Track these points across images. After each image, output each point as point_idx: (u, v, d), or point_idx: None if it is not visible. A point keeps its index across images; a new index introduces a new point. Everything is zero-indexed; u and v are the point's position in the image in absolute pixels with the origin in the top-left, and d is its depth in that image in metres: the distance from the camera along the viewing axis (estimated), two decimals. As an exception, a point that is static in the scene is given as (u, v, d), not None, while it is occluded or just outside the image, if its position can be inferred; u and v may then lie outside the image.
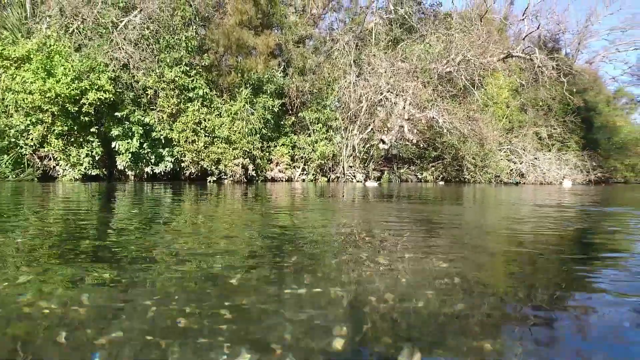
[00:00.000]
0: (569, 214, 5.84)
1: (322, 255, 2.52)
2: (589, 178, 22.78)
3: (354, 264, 2.32)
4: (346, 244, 3.02)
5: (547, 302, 1.73)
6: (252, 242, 2.97)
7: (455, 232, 3.90)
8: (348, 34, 20.25)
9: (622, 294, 1.82)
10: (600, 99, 29.83)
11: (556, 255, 2.78)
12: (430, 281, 1.99)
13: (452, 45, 20.07)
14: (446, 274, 2.10)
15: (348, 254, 2.66)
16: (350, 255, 2.62)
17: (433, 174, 22.09)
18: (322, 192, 10.40)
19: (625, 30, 36.61)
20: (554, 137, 24.30)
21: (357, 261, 2.40)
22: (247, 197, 8.34)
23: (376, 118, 18.68)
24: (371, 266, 2.26)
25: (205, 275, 2.01)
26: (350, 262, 2.36)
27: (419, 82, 18.85)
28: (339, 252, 2.70)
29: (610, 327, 1.46)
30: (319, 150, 17.03)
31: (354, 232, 3.75)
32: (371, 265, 2.28)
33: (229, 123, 14.48)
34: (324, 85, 18.43)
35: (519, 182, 21.33)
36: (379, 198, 8.58)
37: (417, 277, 2.07)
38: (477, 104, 21.22)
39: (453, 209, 6.37)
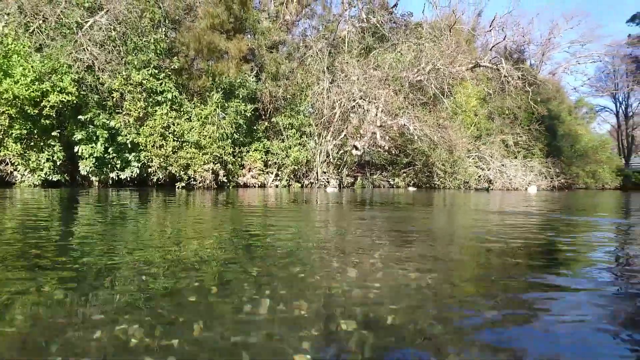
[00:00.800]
0: (534, 220, 5.99)
1: (289, 268, 2.42)
2: (552, 184, 23.65)
3: (321, 276, 2.25)
4: (315, 255, 2.95)
5: (513, 308, 1.74)
6: (214, 254, 2.85)
7: (423, 239, 3.91)
8: (321, 41, 20.37)
9: (586, 299, 1.87)
10: (563, 108, 31.21)
11: (521, 262, 2.81)
12: (397, 292, 1.95)
13: (423, 55, 20.51)
14: (414, 284, 2.06)
15: (317, 265, 2.60)
16: (318, 266, 2.55)
17: (405, 180, 22.38)
18: (294, 198, 10.32)
19: (584, 44, 38.63)
20: (520, 144, 25.15)
21: (326, 274, 2.33)
22: (216, 204, 8.15)
23: (349, 124, 18.80)
24: (338, 278, 2.20)
25: (160, 291, 1.87)
26: (317, 274, 2.28)
27: (390, 89, 19.14)
28: (307, 263, 2.62)
29: (576, 333, 1.48)
30: (292, 156, 16.94)
31: (323, 240, 3.69)
32: (338, 277, 2.22)
33: (199, 127, 14.19)
34: (297, 91, 18.41)
35: (490, 188, 21.88)
36: (339, 203, 8.57)
37: (385, 288, 2.00)
38: (446, 112, 21.74)
39: (421, 216, 6.42)
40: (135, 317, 1.51)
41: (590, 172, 29.07)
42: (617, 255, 3.09)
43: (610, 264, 2.75)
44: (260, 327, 1.45)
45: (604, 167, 29.97)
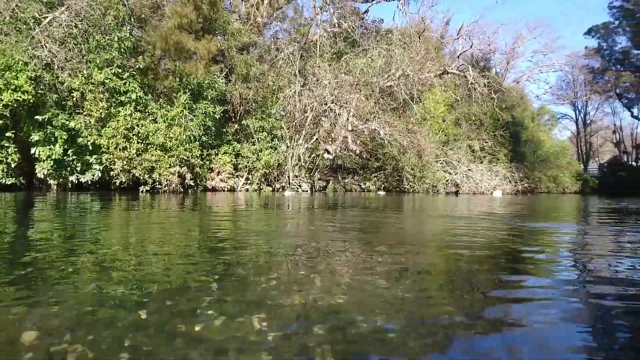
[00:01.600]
0: (500, 225, 6.11)
1: (252, 278, 2.30)
2: (516, 188, 24.49)
3: (285, 286, 2.15)
4: (281, 262, 2.86)
5: (479, 312, 1.73)
6: (172, 263, 2.70)
7: (391, 245, 3.88)
8: (293, 44, 20.32)
9: (549, 300, 1.89)
10: (526, 115, 32.43)
11: (486, 265, 2.82)
12: (365, 301, 1.86)
13: (393, 61, 20.82)
14: (383, 293, 1.99)
15: (282, 273, 2.50)
16: (284, 274, 2.46)
17: (375, 184, 22.57)
18: (265, 202, 10.17)
19: (546, 54, 40.47)
20: (486, 149, 25.91)
21: (291, 283, 2.24)
22: (182, 208, 7.89)
23: (321, 128, 18.79)
24: (303, 287, 2.11)
25: (109, 305, 1.70)
26: (281, 284, 2.17)
27: (361, 94, 19.31)
28: (272, 271, 2.51)
29: (540, 338, 1.48)
30: (263, 159, 16.72)
31: (291, 247, 3.59)
32: (303, 287, 2.13)
33: (164, 129, 13.76)
34: (268, 94, 18.24)
35: (459, 192, 22.38)
36: (311, 208, 8.52)
37: (351, 298, 1.91)
38: (415, 117, 22.14)
39: (390, 221, 6.44)
40: (79, 335, 1.37)
41: (552, 177, 30.29)
42: (579, 259, 3.16)
43: (572, 268, 2.82)
44: (211, 344, 1.33)
45: (564, 172, 31.31)
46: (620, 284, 2.24)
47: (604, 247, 3.80)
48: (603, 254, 3.35)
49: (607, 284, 2.26)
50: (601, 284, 2.28)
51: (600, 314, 1.77)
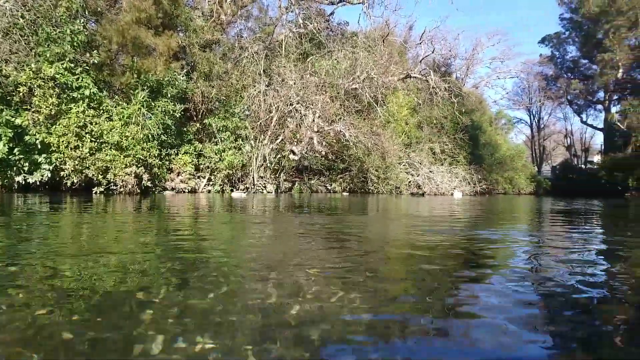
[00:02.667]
0: (459, 225, 6.24)
1: (205, 288, 2.17)
2: (475, 190, 25.37)
3: (240, 295, 2.04)
4: (239, 269, 2.74)
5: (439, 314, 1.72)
6: (118, 272, 2.52)
7: (354, 248, 3.85)
8: (257, 43, 20.07)
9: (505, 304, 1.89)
10: (485, 119, 33.70)
11: (446, 263, 2.83)
12: (327, 308, 1.80)
13: (358, 63, 21.04)
14: (344, 301, 1.92)
15: (239, 282, 2.39)
16: (240, 283, 2.35)
17: (341, 185, 22.70)
18: (228, 204, 9.93)
19: (503, 60, 42.27)
20: (446, 152, 26.67)
21: (246, 293, 2.13)
22: (138, 210, 7.55)
23: (286, 129, 18.66)
24: (259, 298, 2.01)
25: (35, 324, 1.51)
26: (237, 294, 2.07)
27: (327, 96, 19.36)
28: (229, 280, 2.39)
29: (497, 328, 1.55)
30: (226, 160, 16.35)
31: (250, 252, 3.48)
32: (259, 298, 2.03)
33: (120, 127, 13.16)
34: (232, 93, 17.89)
35: (425, 193, 22.84)
36: (276, 209, 8.41)
37: (312, 306, 1.85)
38: (379, 119, 22.47)
39: (355, 223, 6.44)
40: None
41: (508, 179, 31.61)
42: (533, 259, 3.25)
43: (526, 268, 2.89)
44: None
45: (519, 174, 32.75)
46: (570, 278, 2.37)
47: (555, 245, 3.98)
48: (554, 251, 3.50)
49: (557, 278, 2.39)
50: (553, 278, 2.41)
51: (551, 304, 1.89)
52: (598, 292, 2.12)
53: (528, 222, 6.96)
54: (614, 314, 1.81)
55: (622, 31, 33.76)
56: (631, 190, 24.64)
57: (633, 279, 2.48)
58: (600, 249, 3.80)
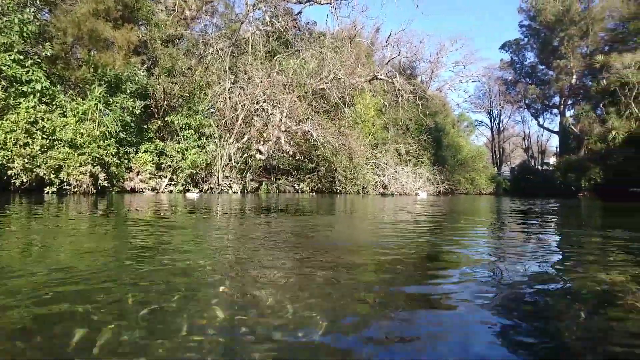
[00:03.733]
0: (423, 224, 6.31)
1: (160, 297, 2.01)
2: (438, 190, 26.06)
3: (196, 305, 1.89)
4: (192, 277, 2.58)
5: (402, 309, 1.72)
6: (66, 280, 2.30)
7: (320, 250, 3.76)
8: (223, 39, 19.66)
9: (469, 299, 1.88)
10: (448, 121, 34.69)
11: (411, 260, 2.80)
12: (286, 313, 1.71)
13: (325, 63, 21.06)
14: (311, 310, 1.83)
15: (195, 292, 2.23)
16: (196, 292, 2.19)
17: (309, 185, 22.65)
18: (192, 205, 9.61)
19: (466, 65, 43.73)
20: (411, 153, 27.24)
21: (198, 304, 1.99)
22: (94, 212, 7.14)
23: (252, 128, 18.37)
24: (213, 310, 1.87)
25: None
26: (191, 304, 1.92)
27: (294, 95, 19.24)
28: (187, 288, 2.22)
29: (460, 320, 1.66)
30: (189, 159, 15.88)
31: (209, 258, 3.31)
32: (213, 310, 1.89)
33: (74, 124, 12.46)
34: (196, 90, 17.41)
35: (395, 193, 23.12)
36: (242, 211, 8.23)
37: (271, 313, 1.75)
38: (347, 120, 22.60)
39: (323, 223, 6.38)
40: None
41: (470, 179, 32.71)
42: (492, 253, 3.35)
43: (486, 260, 3.02)
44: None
45: (480, 175, 33.97)
46: (529, 273, 2.54)
47: (514, 242, 4.11)
48: (513, 248, 3.61)
49: (517, 272, 2.57)
50: (512, 272, 2.57)
51: (511, 296, 2.03)
52: (555, 288, 2.23)
53: (489, 221, 7.16)
54: (568, 309, 1.89)
55: (575, 40, 35.75)
56: (583, 190, 26.08)
57: (586, 274, 2.55)
58: (554, 246, 3.92)
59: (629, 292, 2.13)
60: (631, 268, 2.74)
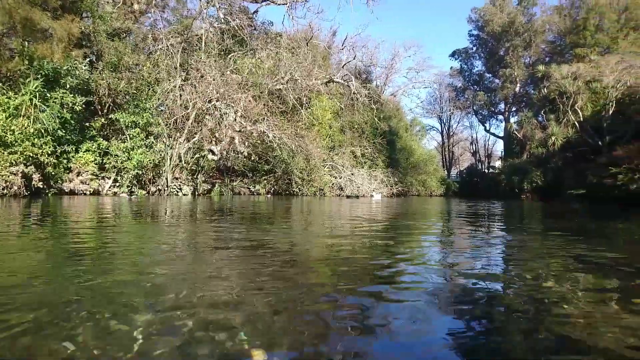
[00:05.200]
0: (377, 225, 6.31)
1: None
2: (392, 191, 26.66)
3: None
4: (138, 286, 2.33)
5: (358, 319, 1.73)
6: None
7: (273, 256, 3.60)
8: (174, 35, 18.90)
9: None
10: (401, 125, 35.63)
11: (364, 261, 2.73)
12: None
13: (282, 64, 20.88)
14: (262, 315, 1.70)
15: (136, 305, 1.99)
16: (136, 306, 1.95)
17: (265, 187, 22.31)
18: (137, 208, 9.05)
19: (418, 71, 45.21)
20: (366, 155, 27.69)
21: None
22: (26, 216, 6.51)
23: (204, 127, 17.77)
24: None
25: None
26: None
27: (249, 94, 18.86)
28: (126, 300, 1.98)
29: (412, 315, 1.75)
30: (135, 159, 15.06)
31: (155, 265, 3.04)
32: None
33: (5, 120, 11.39)
34: (143, 86, 16.57)
35: (358, 195, 23.20)
36: (192, 214, 7.88)
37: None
38: (303, 122, 22.53)
39: (280, 227, 6.21)
40: None
41: (421, 181, 33.80)
42: (442, 251, 3.46)
43: (436, 258, 3.16)
44: None
45: (431, 177, 35.21)
46: (476, 270, 2.70)
47: (462, 240, 4.28)
48: (461, 246, 3.73)
49: (465, 269, 2.73)
50: (461, 268, 2.74)
51: (459, 291, 2.17)
52: (496, 284, 2.35)
53: (440, 221, 7.33)
54: (510, 303, 1.98)
55: (519, 50, 38.05)
56: (526, 192, 27.70)
57: (528, 270, 2.62)
58: (497, 245, 4.03)
59: (565, 293, 2.19)
60: (562, 259, 2.85)
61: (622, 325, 1.65)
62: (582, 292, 2.17)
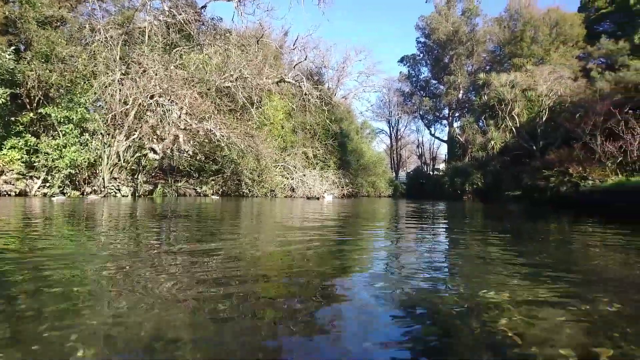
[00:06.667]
0: (330, 226, 6.25)
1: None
2: (343, 192, 26.93)
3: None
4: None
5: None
6: None
7: (220, 256, 3.38)
8: (114, 27, 17.74)
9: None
10: (352, 128, 36.15)
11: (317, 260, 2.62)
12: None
13: (230, 61, 20.33)
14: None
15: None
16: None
17: (213, 187, 21.59)
18: (70, 210, 8.31)
19: (369, 75, 46.16)
20: (318, 157, 27.78)
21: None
22: None
23: (145, 124, 16.82)
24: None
25: None
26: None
27: (195, 91, 18.15)
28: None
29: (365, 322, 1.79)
30: (67, 157, 13.92)
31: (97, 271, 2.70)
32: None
33: None
34: (78, 79, 15.39)
35: (317, 196, 22.95)
36: (132, 217, 7.38)
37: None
38: (254, 121, 22.08)
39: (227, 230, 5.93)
40: None
41: (371, 183, 34.47)
42: (390, 248, 3.56)
43: (385, 254, 3.36)
44: None
45: (381, 179, 36.03)
46: (422, 265, 2.91)
47: (409, 238, 4.44)
48: (409, 244, 3.91)
49: (413, 265, 2.95)
50: (409, 265, 2.94)
51: (408, 286, 2.32)
52: (438, 284, 2.44)
53: (388, 224, 7.41)
54: (448, 305, 2.02)
55: (462, 58, 40.06)
56: (467, 193, 29.11)
57: (465, 276, 2.64)
58: (441, 247, 4.11)
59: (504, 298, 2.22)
60: (496, 262, 2.92)
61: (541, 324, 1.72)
62: (517, 297, 2.20)
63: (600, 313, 1.86)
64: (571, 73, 25.71)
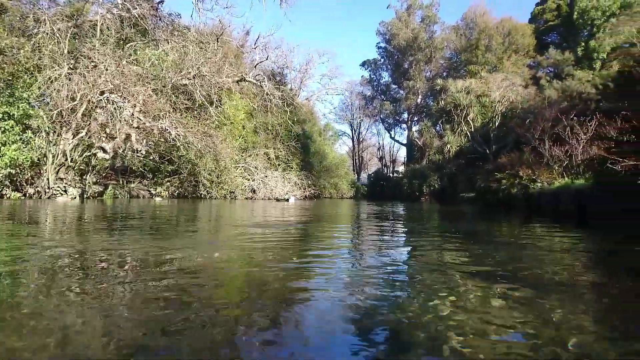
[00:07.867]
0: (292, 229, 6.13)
1: None
2: (305, 194, 26.84)
3: None
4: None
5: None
6: None
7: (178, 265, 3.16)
8: (63, 19, 16.70)
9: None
10: (315, 130, 36.16)
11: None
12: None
13: (188, 58, 19.72)
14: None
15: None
16: None
17: (169, 189, 20.81)
18: (8, 214, 7.65)
19: (331, 78, 46.40)
20: (280, 158, 27.55)
21: None
22: None
23: (94, 122, 15.92)
24: None
25: None
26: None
27: (150, 88, 17.43)
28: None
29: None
30: (7, 156, 12.92)
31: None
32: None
33: None
34: (20, 73, 14.34)
35: (287, 198, 22.51)
36: (81, 220, 6.91)
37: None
38: (213, 120, 21.53)
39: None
40: None
41: (334, 184, 34.62)
42: (352, 248, 3.66)
43: (346, 254, 3.46)
44: None
45: (343, 181, 36.26)
46: (383, 264, 3.07)
47: (370, 238, 4.54)
48: (368, 252, 3.84)
49: (372, 263, 3.11)
50: (369, 264, 3.10)
51: (369, 282, 2.47)
52: (401, 287, 2.51)
53: (350, 226, 7.40)
54: (407, 308, 2.06)
55: (421, 64, 41.23)
56: (425, 195, 29.93)
57: (421, 282, 2.65)
58: (400, 244, 4.11)
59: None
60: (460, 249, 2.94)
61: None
62: (471, 297, 2.23)
63: (549, 317, 1.89)
64: (522, 81, 27.18)
